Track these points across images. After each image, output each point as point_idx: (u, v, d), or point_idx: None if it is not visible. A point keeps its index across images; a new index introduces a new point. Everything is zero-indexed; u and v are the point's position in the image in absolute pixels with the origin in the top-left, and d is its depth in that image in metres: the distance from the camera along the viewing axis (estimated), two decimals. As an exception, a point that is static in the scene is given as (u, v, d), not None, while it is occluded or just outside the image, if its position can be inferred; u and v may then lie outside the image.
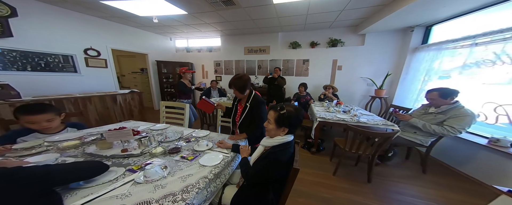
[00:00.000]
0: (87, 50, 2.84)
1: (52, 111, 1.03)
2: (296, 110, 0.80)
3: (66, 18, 2.55)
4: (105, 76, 3.16)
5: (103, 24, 3.00)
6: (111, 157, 0.83)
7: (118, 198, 0.56)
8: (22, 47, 2.20)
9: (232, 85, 1.22)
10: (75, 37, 2.68)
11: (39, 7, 2.29)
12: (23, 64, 2.24)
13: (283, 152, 0.77)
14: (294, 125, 0.80)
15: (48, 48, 2.42)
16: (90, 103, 2.31)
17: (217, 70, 4.56)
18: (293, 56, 3.79)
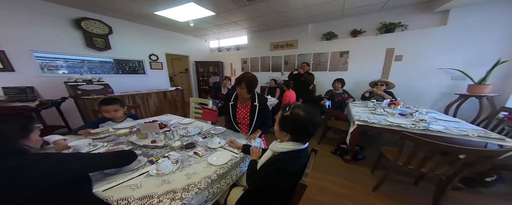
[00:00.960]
0: (151, 56, 3.46)
1: (117, 103, 1.30)
2: (308, 115, 0.62)
3: (137, 31, 3.15)
4: (162, 76, 3.78)
5: (159, 33, 3.54)
6: (142, 146, 0.94)
7: (130, 188, 0.60)
8: (116, 57, 2.92)
9: (244, 81, 1.10)
10: (143, 45, 3.30)
11: (123, 24, 2.92)
12: (116, 69, 2.99)
13: (291, 161, 0.64)
14: (298, 132, 0.64)
15: (130, 56, 3.09)
16: (150, 98, 2.88)
17: (244, 67, 4.60)
18: (327, 49, 3.25)
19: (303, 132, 0.63)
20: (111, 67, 2.93)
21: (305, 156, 0.70)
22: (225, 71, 4.96)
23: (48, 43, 2.22)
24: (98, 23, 2.59)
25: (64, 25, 2.32)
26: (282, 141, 0.70)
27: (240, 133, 1.26)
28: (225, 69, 4.95)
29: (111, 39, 2.79)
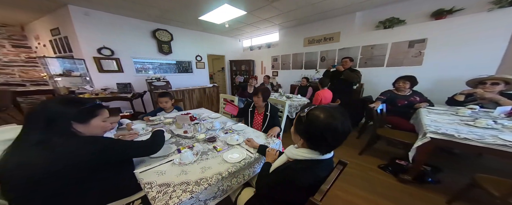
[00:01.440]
0: (196, 56, 4.03)
1: (167, 96, 1.60)
2: (329, 120, 0.48)
3: (189, 35, 3.67)
4: (204, 75, 4.32)
5: (203, 36, 3.98)
6: (177, 135, 1.10)
7: (156, 173, 0.69)
8: (175, 59, 3.63)
9: (260, 93, 1.30)
10: (192, 48, 3.84)
11: (180, 31, 3.47)
12: (175, 69, 3.72)
13: (303, 173, 0.53)
14: (314, 139, 0.52)
15: (183, 58, 3.74)
16: (194, 93, 3.41)
17: (274, 65, 4.38)
18: (385, 39, 2.52)
19: (319, 140, 0.51)
20: (172, 68, 3.67)
21: (324, 169, 0.56)
22: (256, 69, 4.97)
23: (139, 51, 3.03)
24: (165, 32, 3.24)
25: (146, 36, 3.06)
26: (298, 147, 0.59)
27: (260, 132, 1.21)
28: (256, 67, 4.95)
29: (172, 44, 3.45)
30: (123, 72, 2.92)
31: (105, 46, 2.62)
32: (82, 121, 0.60)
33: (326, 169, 0.56)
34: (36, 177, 0.48)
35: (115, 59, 2.77)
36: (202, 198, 0.64)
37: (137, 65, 3.09)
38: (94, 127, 0.63)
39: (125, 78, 2.90)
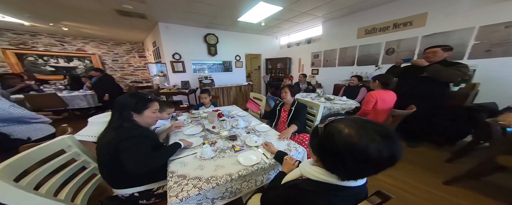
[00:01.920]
0: (236, 56, 4.38)
1: (206, 93, 1.85)
2: (354, 139, 0.33)
3: (230, 37, 3.97)
4: (241, 73, 4.60)
5: (241, 37, 4.18)
6: (206, 130, 1.23)
7: (181, 164, 0.78)
8: (220, 59, 4.08)
9: (287, 87, 1.33)
10: (232, 48, 4.15)
11: (223, 34, 3.82)
12: (220, 68, 4.20)
13: (314, 197, 0.41)
14: (328, 159, 0.38)
15: (226, 58, 4.15)
16: (231, 90, 3.75)
17: (315, 62, 3.79)
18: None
19: (336, 163, 0.37)
20: (218, 67, 4.20)
21: (346, 200, 0.41)
22: (293, 67, 4.57)
23: (195, 54, 3.69)
24: (212, 35, 3.74)
25: (200, 41, 3.65)
26: (313, 163, 0.46)
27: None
28: (293, 65, 4.55)
29: (218, 46, 3.92)
30: (186, 72, 3.71)
31: (176, 52, 3.44)
32: (137, 111, 0.77)
33: (348, 200, 0.41)
34: (111, 152, 0.68)
35: (181, 62, 3.57)
36: (210, 196, 0.65)
37: (194, 66, 3.81)
38: (146, 117, 0.79)
39: (186, 77, 3.68)
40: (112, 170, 0.71)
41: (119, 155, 0.67)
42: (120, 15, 2.51)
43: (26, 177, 0.56)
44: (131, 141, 0.69)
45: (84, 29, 3.50)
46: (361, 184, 0.41)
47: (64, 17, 2.73)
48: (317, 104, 1.38)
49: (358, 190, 0.42)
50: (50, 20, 2.86)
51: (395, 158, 0.33)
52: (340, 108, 1.88)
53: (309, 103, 1.49)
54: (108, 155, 0.68)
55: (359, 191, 0.42)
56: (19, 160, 0.57)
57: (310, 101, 1.52)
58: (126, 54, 5.16)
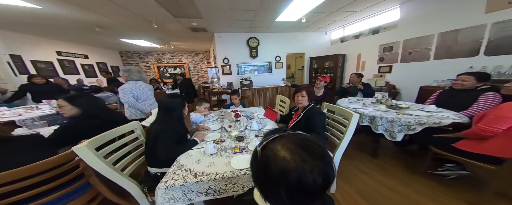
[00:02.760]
0: (276, 57, 4.30)
1: (236, 94, 2.02)
2: (292, 164, 0.26)
3: (270, 38, 3.99)
4: (281, 74, 4.40)
5: (282, 37, 4.02)
6: (223, 127, 1.31)
7: (187, 155, 0.88)
8: (260, 61, 4.31)
9: (305, 90, 1.13)
10: (272, 49, 4.14)
11: (264, 36, 3.92)
12: (260, 70, 4.50)
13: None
14: (262, 189, 0.32)
15: (266, 59, 4.24)
16: (267, 92, 3.74)
17: (385, 57, 2.66)
18: None
19: (271, 194, 0.30)
20: (258, 69, 4.42)
21: None
22: (348, 65, 3.59)
23: (239, 57, 4.14)
24: (254, 39, 3.97)
25: (243, 45, 4.02)
26: None
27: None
28: (348, 62, 3.56)
29: (259, 49, 4.11)
30: (231, 74, 4.30)
31: (225, 57, 4.10)
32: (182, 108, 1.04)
33: None
34: (151, 139, 0.94)
35: (229, 65, 4.20)
36: (194, 189, 0.70)
37: (238, 68, 4.30)
38: (184, 111, 1.06)
39: (231, 78, 4.27)
40: (149, 152, 0.95)
41: (155, 142, 0.88)
42: (192, 31, 3.43)
43: (105, 148, 0.80)
44: (165, 134, 0.90)
45: (179, 45, 5.22)
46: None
47: (170, 39, 4.27)
48: (349, 113, 0.98)
49: None
50: (166, 42, 4.61)
51: (329, 183, 0.28)
52: (415, 122, 1.19)
53: (343, 111, 1.10)
54: (150, 140, 0.94)
55: None
56: (104, 136, 0.82)
57: (343, 109, 1.12)
58: (200, 61, 7.00)
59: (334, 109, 1.25)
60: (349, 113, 1.00)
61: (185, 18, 2.57)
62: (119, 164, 0.84)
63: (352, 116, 0.96)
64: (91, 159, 0.68)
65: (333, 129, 1.21)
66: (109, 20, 2.50)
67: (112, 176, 0.73)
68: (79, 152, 0.67)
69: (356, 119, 0.96)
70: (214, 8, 2.21)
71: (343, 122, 1.09)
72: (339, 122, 1.14)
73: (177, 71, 6.57)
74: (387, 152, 1.68)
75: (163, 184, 0.65)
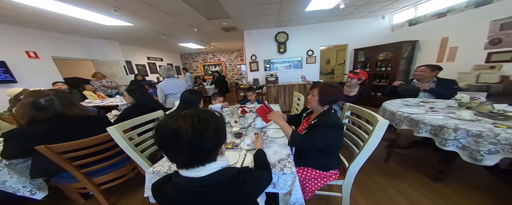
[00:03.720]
0: (308, 51, 3.80)
1: (251, 90, 2.04)
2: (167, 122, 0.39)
3: (301, 31, 3.59)
4: (314, 70, 3.91)
5: (316, 28, 3.49)
6: (228, 123, 1.36)
7: None
8: (288, 57, 4.00)
9: (318, 89, 0.83)
10: (304, 43, 3.71)
11: (294, 30, 3.61)
12: (288, 66, 4.20)
13: None
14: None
15: (295, 55, 3.89)
16: (293, 89, 3.40)
17: (503, 39, 1.64)
18: None
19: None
20: (286, 65, 4.14)
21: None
22: (422, 55, 2.54)
23: (266, 53, 4.06)
24: (283, 33, 3.72)
25: (271, 40, 3.89)
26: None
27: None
28: (422, 51, 2.51)
29: (287, 44, 3.82)
30: (258, 71, 4.32)
31: (253, 54, 4.16)
32: (195, 104, 1.21)
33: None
34: None
35: (256, 62, 4.24)
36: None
37: (265, 64, 4.23)
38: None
39: (258, 75, 4.29)
40: None
41: None
42: (225, 31, 3.73)
43: (133, 131, 0.98)
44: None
45: (217, 45, 5.87)
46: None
47: (209, 40, 4.92)
48: (374, 117, 0.70)
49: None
50: (207, 43, 5.37)
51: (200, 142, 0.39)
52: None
53: (367, 115, 0.82)
54: None
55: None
56: (130, 121, 0.98)
57: (368, 112, 0.82)
58: (234, 59, 7.57)
59: (359, 112, 0.94)
60: (373, 117, 0.73)
61: (216, 19, 2.82)
62: (141, 145, 1.00)
63: (377, 122, 0.68)
64: (117, 138, 0.85)
65: (353, 135, 0.95)
66: (167, 29, 3.23)
67: (131, 154, 0.89)
68: (110, 132, 0.84)
69: (383, 127, 0.70)
70: (238, 6, 2.25)
71: (367, 129, 0.80)
72: (363, 127, 0.86)
73: (216, 69, 7.49)
74: (463, 177, 1.16)
75: (152, 169, 0.75)
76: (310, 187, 0.84)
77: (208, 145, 0.39)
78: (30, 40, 2.73)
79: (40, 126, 0.87)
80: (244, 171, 0.48)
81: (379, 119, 0.70)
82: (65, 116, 0.92)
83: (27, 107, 0.85)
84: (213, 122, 0.41)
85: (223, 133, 0.45)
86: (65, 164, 0.89)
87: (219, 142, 0.43)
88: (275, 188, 0.70)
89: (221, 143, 0.45)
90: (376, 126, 0.70)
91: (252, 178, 0.47)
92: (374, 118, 0.74)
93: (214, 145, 0.41)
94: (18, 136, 0.84)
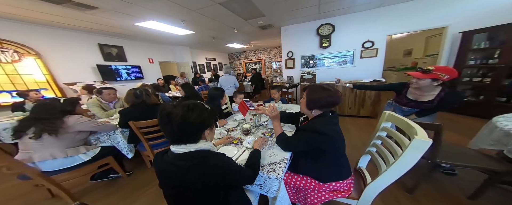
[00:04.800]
0: (364, 43, 2.93)
1: (276, 89, 1.96)
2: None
3: (355, 20, 2.86)
4: (373, 66, 2.97)
5: (379, 13, 2.61)
6: (244, 119, 1.42)
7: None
8: (333, 52, 3.35)
9: (306, 91, 0.77)
10: (358, 34, 2.92)
11: (343, 19, 2.96)
12: (333, 62, 3.51)
13: None
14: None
15: (343, 49, 3.19)
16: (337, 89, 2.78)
17: None
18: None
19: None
20: (329, 61, 3.49)
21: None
22: None
23: (304, 49, 3.64)
24: (327, 26, 3.14)
25: (311, 34, 3.40)
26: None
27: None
28: None
29: (332, 37, 3.18)
30: (295, 68, 4.01)
31: (290, 50, 3.90)
32: (218, 99, 1.43)
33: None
34: None
35: (292, 59, 3.94)
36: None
37: (302, 60, 3.82)
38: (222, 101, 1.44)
39: (293, 72, 3.99)
40: None
41: None
42: (262, 29, 3.77)
43: None
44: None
45: (257, 43, 6.13)
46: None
47: (250, 39, 5.23)
48: (412, 129, 0.49)
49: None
50: (247, 43, 5.77)
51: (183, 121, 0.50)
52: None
53: (409, 129, 0.59)
54: None
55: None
56: None
57: (412, 126, 0.55)
58: (273, 56, 7.53)
59: (399, 123, 0.65)
60: (411, 130, 0.54)
61: (252, 19, 2.92)
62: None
63: (413, 139, 0.48)
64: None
65: (383, 147, 0.75)
66: (215, 32, 3.85)
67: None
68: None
69: (421, 147, 0.48)
70: (271, 2, 2.18)
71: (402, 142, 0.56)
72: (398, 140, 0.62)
73: (255, 67, 7.86)
74: None
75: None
76: (312, 199, 0.76)
77: (190, 128, 0.49)
78: (150, 51, 4.44)
79: (135, 108, 1.39)
80: (222, 158, 0.54)
81: (417, 135, 0.48)
82: (146, 103, 1.42)
83: (130, 95, 1.40)
84: (197, 112, 0.50)
85: (205, 122, 0.53)
86: (140, 136, 1.32)
87: (200, 128, 0.52)
88: (262, 190, 0.70)
89: (202, 128, 0.53)
90: (411, 145, 0.49)
91: (225, 165, 0.53)
92: (411, 130, 0.52)
93: (196, 129, 0.51)
94: (124, 113, 1.34)
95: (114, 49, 3.68)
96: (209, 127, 0.55)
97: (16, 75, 2.42)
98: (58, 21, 2.44)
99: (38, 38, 2.59)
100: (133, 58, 4.06)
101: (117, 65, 3.68)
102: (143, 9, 2.14)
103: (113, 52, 3.66)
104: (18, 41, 2.41)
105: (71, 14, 2.18)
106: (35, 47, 2.56)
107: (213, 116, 0.57)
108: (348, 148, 0.87)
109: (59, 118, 1.05)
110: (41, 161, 1.01)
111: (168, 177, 0.53)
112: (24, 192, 1.34)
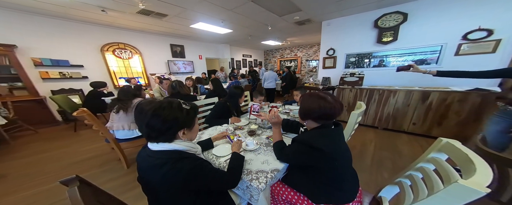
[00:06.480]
0: (468, 34, 1.89)
1: (299, 90, 1.73)
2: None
3: (446, 2, 1.92)
4: (484, 66, 1.82)
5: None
6: (255, 119, 1.33)
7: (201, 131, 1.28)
8: (399, 47, 2.45)
9: (302, 97, 0.72)
10: (450, 22, 1.96)
11: (422, 5, 2.10)
12: (391, 61, 2.62)
13: None
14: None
15: (418, 43, 2.28)
16: (392, 97, 2.00)
17: None
18: None
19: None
20: (389, 59, 2.61)
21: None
22: None
23: (353, 46, 2.93)
24: (393, 15, 2.31)
25: (366, 28, 2.68)
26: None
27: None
28: None
29: (401, 29, 2.31)
30: (335, 68, 3.36)
31: (331, 48, 3.29)
32: (237, 98, 1.48)
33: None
34: None
35: (333, 57, 3.30)
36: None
37: (352, 59, 3.08)
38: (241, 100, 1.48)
39: (333, 73, 3.35)
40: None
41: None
42: (298, 25, 3.42)
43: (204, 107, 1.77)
44: (218, 106, 1.45)
45: (294, 40, 5.70)
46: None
47: (285, 36, 4.94)
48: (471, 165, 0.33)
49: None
50: (283, 39, 5.51)
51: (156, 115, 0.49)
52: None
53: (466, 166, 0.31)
54: None
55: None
56: (201, 101, 1.80)
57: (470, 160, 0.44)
58: (313, 53, 6.75)
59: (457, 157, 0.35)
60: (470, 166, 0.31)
61: (286, 14, 2.69)
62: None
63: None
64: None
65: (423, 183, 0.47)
66: (250, 30, 3.95)
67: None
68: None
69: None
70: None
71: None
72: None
73: (290, 65, 7.40)
74: None
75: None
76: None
77: (158, 126, 0.47)
78: (200, 48, 5.34)
79: (173, 97, 1.71)
80: (192, 162, 0.51)
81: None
82: (181, 93, 1.70)
83: (170, 86, 1.73)
84: (168, 111, 0.48)
85: (178, 122, 0.50)
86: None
87: (170, 127, 0.49)
88: (244, 195, 0.67)
89: (173, 128, 0.50)
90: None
91: (193, 170, 0.49)
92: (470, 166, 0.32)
93: (166, 128, 0.48)
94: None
95: (178, 47, 4.73)
96: (186, 127, 0.52)
97: (128, 67, 3.77)
98: (148, 28, 3.52)
99: (139, 41, 3.87)
100: (189, 55, 5.06)
101: (178, 61, 4.74)
102: (193, 13, 2.60)
103: (177, 50, 4.73)
104: (131, 44, 3.74)
105: (154, 22, 3.02)
106: (139, 48, 3.86)
107: (192, 116, 0.54)
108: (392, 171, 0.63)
109: (130, 98, 1.45)
110: (116, 130, 1.43)
111: (141, 170, 0.53)
112: (107, 152, 1.79)
